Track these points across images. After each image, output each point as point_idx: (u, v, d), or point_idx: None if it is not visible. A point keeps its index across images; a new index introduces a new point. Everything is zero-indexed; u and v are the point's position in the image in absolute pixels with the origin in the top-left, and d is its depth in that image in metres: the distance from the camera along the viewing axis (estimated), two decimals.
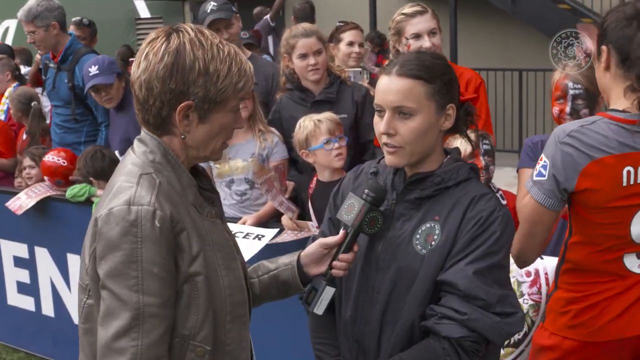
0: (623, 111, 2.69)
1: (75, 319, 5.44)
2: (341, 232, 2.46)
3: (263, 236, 4.25)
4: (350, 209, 2.42)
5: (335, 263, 2.43)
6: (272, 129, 4.70)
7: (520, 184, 3.48)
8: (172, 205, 2.10)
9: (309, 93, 4.71)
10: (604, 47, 2.74)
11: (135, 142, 2.23)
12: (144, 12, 17.72)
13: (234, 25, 5.23)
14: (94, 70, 5.58)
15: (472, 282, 2.32)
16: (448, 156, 2.53)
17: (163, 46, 2.11)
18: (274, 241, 4.21)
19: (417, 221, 2.45)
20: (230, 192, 4.68)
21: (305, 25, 4.73)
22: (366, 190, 2.43)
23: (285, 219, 4.35)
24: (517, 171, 3.63)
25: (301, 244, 4.13)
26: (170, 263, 2.07)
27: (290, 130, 4.53)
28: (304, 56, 4.62)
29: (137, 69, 2.14)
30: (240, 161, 4.62)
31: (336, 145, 4.21)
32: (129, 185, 2.09)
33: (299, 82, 4.72)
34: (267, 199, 4.48)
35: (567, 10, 12.21)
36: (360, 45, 5.89)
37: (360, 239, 2.46)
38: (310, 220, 4.31)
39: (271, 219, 4.57)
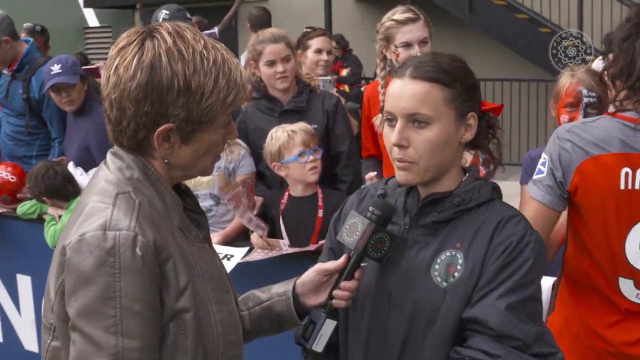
0: (629, 109, 2.54)
1: (27, 345, 5.13)
2: (343, 256, 2.18)
3: (232, 256, 3.98)
4: (353, 229, 2.13)
5: (336, 292, 2.14)
6: (239, 140, 4.44)
7: (522, 199, 3.27)
8: (156, 230, 1.82)
9: (277, 102, 4.46)
10: (610, 55, 2.60)
11: (109, 157, 1.95)
12: (92, 20, 17.35)
13: None
14: (56, 68, 5.24)
15: (505, 319, 2.01)
16: (467, 174, 2.25)
17: (135, 59, 1.81)
18: (244, 260, 3.93)
19: (435, 249, 2.14)
20: None
21: (273, 30, 4.47)
22: (371, 208, 2.14)
23: (254, 237, 4.08)
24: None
25: (274, 263, 3.91)
26: (154, 298, 1.79)
27: (257, 141, 4.31)
28: (271, 63, 4.37)
29: (107, 84, 1.85)
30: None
31: (311, 158, 3.96)
32: (103, 207, 1.81)
33: (266, 90, 4.46)
34: (234, 215, 4.21)
35: (526, 20, 12.16)
36: (329, 52, 5.65)
37: (370, 270, 2.19)
38: (282, 238, 4.05)
39: (238, 237, 4.31)
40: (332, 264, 2.17)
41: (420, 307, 2.11)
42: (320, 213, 4.04)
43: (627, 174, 2.50)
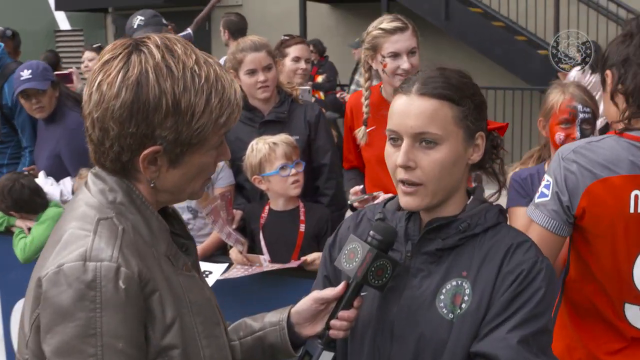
0: (638, 129, 2.42)
1: None
2: (342, 283, 2.03)
3: (211, 272, 3.84)
4: (353, 255, 1.99)
5: (333, 322, 2.00)
6: None
7: (512, 224, 3.14)
8: (141, 259, 1.67)
9: (258, 112, 4.31)
10: (607, 72, 2.52)
11: (90, 178, 1.80)
12: (63, 23, 17.09)
13: None
14: (26, 74, 5.08)
15: (517, 354, 1.89)
16: (471, 197, 2.13)
17: (120, 76, 1.66)
18: (223, 277, 3.79)
19: (439, 278, 2.02)
20: None
21: (254, 38, 4.32)
22: (371, 232, 2.00)
23: (234, 253, 3.94)
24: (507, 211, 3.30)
25: (254, 280, 3.78)
26: (139, 335, 1.64)
27: (237, 153, 4.13)
28: (252, 72, 4.22)
29: (89, 101, 1.70)
30: None
31: (293, 171, 3.83)
32: (83, 234, 1.66)
33: (246, 100, 4.31)
34: (212, 229, 4.06)
35: (502, 28, 12.12)
36: (307, 61, 5.52)
37: (370, 298, 2.06)
38: (262, 253, 3.91)
39: (217, 252, 4.18)
40: (329, 292, 2.04)
41: (425, 341, 1.99)
42: (302, 228, 3.92)
43: (637, 196, 2.39)
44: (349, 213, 4.47)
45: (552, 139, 3.40)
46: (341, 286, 2.02)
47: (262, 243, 3.93)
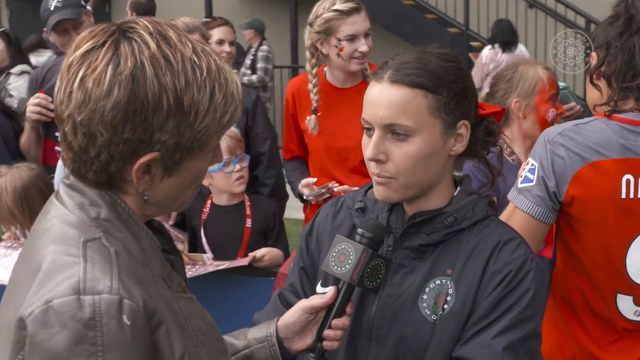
0: (627, 111, 2.32)
1: None
2: (332, 289, 1.85)
3: None
4: (343, 257, 1.81)
5: (327, 333, 1.82)
6: None
7: None
8: (143, 287, 1.41)
9: None
10: (592, 54, 2.44)
11: (63, 190, 1.51)
12: None
13: (84, 25, 4.43)
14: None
15: None
16: (458, 188, 1.97)
17: (109, 70, 1.39)
18: None
19: (423, 276, 1.88)
20: None
21: (186, 20, 4.04)
22: (360, 230, 1.83)
23: None
24: None
25: (197, 281, 3.51)
26: None
27: None
28: None
29: (67, 102, 1.42)
30: None
31: (237, 167, 3.59)
32: (70, 261, 1.38)
33: None
34: None
35: (411, 6, 12.08)
36: (231, 43, 5.22)
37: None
38: (204, 252, 3.65)
39: None
40: (319, 300, 1.84)
41: (406, 343, 1.87)
42: (249, 223, 3.70)
43: (628, 181, 2.28)
44: (291, 204, 4.26)
45: (540, 117, 3.24)
46: (331, 293, 1.84)
47: (204, 240, 3.68)
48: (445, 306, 1.85)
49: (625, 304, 2.40)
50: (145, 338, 1.38)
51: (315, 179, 3.63)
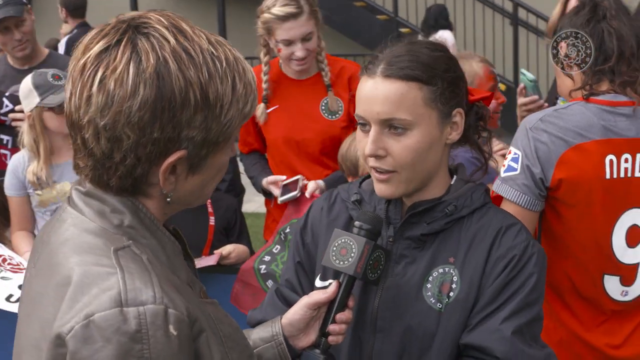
0: (604, 93, 2.39)
1: None
2: (334, 284, 1.83)
3: None
4: (345, 251, 1.80)
5: (332, 327, 1.80)
6: None
7: None
8: (180, 294, 1.34)
9: None
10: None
11: (78, 197, 1.42)
12: None
13: (26, 22, 4.30)
14: None
15: (511, 347, 1.80)
16: (454, 177, 1.97)
17: (132, 68, 1.32)
18: None
19: (425, 265, 1.89)
20: None
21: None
22: (358, 223, 1.82)
23: None
24: None
25: None
26: None
27: None
28: None
29: (86, 105, 1.34)
30: (68, 184, 3.77)
31: None
32: (104, 272, 1.30)
33: None
34: None
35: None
36: None
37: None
38: None
39: None
40: (322, 295, 1.81)
41: (412, 333, 1.88)
42: (212, 221, 3.61)
43: (611, 161, 2.35)
44: (247, 197, 4.20)
45: None
46: (334, 287, 1.82)
47: None
48: (451, 294, 1.86)
49: (612, 285, 2.44)
50: (190, 347, 1.32)
51: (284, 177, 3.56)
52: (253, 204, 6.90)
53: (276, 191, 3.55)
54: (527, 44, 11.34)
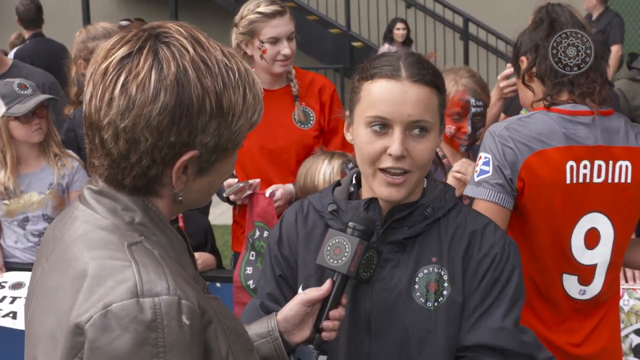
0: (564, 102, 2.53)
1: None
2: (327, 281, 1.90)
3: None
4: (339, 251, 1.87)
5: (326, 324, 1.87)
6: (70, 152, 3.97)
7: None
8: (191, 287, 1.43)
9: None
10: (522, 59, 2.63)
11: (90, 195, 1.50)
12: None
13: None
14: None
15: (516, 339, 1.93)
16: (425, 180, 2.07)
17: (153, 74, 1.40)
18: None
19: (410, 267, 1.97)
20: (25, 233, 3.87)
21: (105, 25, 4.00)
22: (351, 224, 1.89)
23: None
24: None
25: None
26: None
27: None
28: None
29: (107, 107, 1.41)
30: (35, 194, 3.83)
31: None
32: (120, 265, 1.37)
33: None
34: None
35: (293, 8, 12.03)
36: None
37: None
38: None
39: None
40: (317, 292, 1.88)
41: (408, 333, 1.95)
42: None
43: (572, 167, 2.46)
44: (215, 210, 4.23)
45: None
46: (327, 285, 1.89)
47: None
48: (445, 292, 1.95)
49: (570, 283, 2.55)
50: (200, 337, 1.40)
51: (236, 179, 3.59)
52: (215, 217, 6.92)
53: (227, 190, 3.55)
54: (478, 58, 11.55)
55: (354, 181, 2.11)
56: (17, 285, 3.74)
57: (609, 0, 10.39)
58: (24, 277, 3.69)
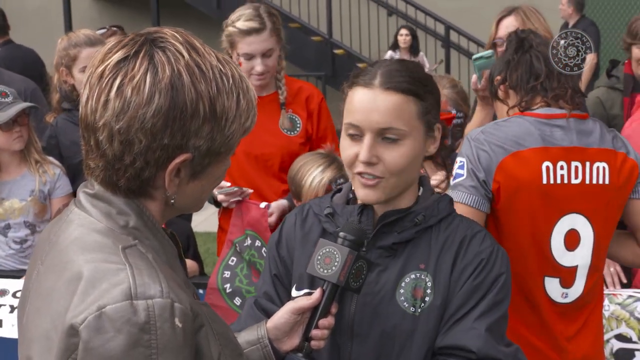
0: (538, 106, 2.60)
1: None
2: (317, 290, 1.92)
3: None
4: (329, 260, 1.89)
5: (315, 332, 1.90)
6: (51, 159, 3.95)
7: None
8: (183, 291, 1.45)
9: None
10: (497, 78, 2.72)
11: (85, 199, 1.53)
12: None
13: None
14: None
15: (486, 343, 1.92)
16: (421, 188, 2.10)
17: (149, 78, 1.43)
18: None
19: (397, 272, 1.99)
20: (7, 240, 3.86)
21: (87, 32, 3.99)
22: (342, 234, 1.92)
23: None
24: None
25: None
26: None
27: (72, 158, 3.87)
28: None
29: (102, 109, 1.44)
30: (16, 201, 3.83)
31: None
32: (114, 268, 1.40)
33: (80, 100, 3.91)
34: None
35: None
36: None
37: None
38: None
39: None
40: (307, 301, 1.91)
41: (388, 336, 1.98)
42: None
43: (548, 168, 2.50)
44: (197, 217, 4.24)
45: None
46: (317, 294, 1.91)
47: None
48: (427, 299, 1.97)
49: (552, 286, 2.57)
50: (192, 339, 1.42)
51: (229, 183, 3.60)
52: (197, 223, 6.91)
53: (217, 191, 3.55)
54: (459, 65, 11.61)
55: (353, 188, 2.12)
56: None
57: (585, 8, 10.47)
58: (7, 284, 3.67)
